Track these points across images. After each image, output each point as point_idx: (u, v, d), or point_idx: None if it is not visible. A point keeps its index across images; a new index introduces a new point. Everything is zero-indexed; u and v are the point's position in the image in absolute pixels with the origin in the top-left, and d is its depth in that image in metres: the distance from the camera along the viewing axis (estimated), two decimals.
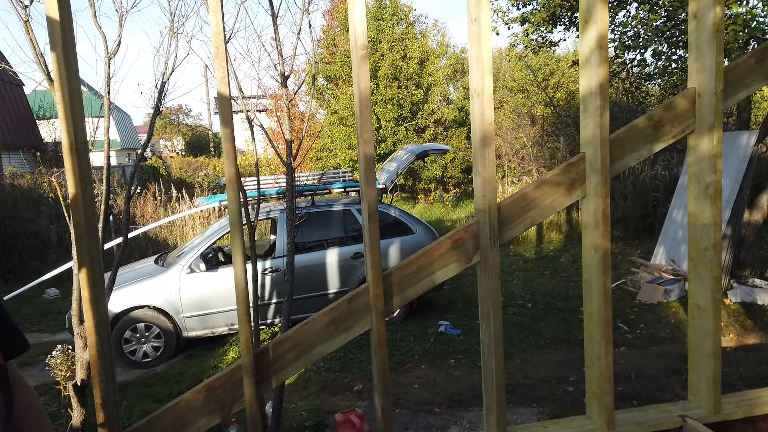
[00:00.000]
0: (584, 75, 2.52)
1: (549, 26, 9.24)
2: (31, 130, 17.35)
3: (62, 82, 2.00)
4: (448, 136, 17.60)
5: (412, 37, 17.35)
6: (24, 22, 3.13)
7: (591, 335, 2.57)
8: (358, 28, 2.26)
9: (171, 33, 3.72)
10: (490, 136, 2.37)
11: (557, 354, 4.82)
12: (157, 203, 11.40)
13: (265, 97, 12.11)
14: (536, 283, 7.47)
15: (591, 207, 2.50)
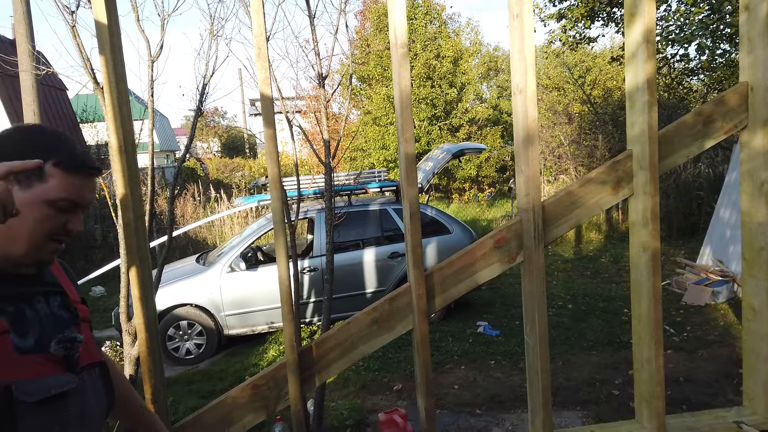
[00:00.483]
0: (630, 70, 2.46)
1: (587, 22, 9.07)
2: (75, 133, 17.92)
3: (111, 85, 2.05)
4: (482, 135, 17.45)
5: (445, 35, 17.26)
6: (71, 27, 3.23)
7: (640, 337, 2.50)
8: (398, 27, 2.25)
9: (211, 35, 3.78)
10: (534, 134, 2.33)
11: (601, 356, 4.71)
12: (197, 204, 11.63)
13: (301, 98, 12.21)
14: (576, 283, 7.33)
15: (639, 206, 2.43)
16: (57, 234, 1.09)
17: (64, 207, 1.07)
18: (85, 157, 1.13)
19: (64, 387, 1.06)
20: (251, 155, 30.16)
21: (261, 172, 19.77)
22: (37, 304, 1.12)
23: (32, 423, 1.00)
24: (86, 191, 1.11)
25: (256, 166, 21.50)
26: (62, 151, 1.09)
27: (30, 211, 1.04)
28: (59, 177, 1.06)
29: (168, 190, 11.90)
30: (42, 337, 1.08)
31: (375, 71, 16.32)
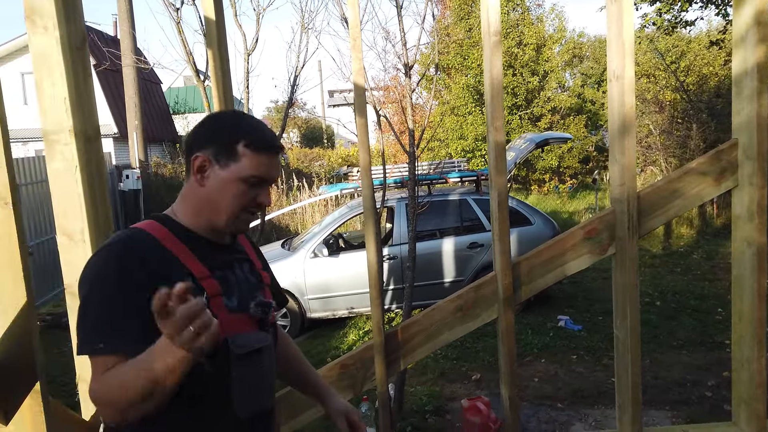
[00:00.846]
0: (738, 54, 2.33)
1: (685, 4, 8.55)
2: (168, 124, 19.02)
3: (218, 78, 2.18)
4: (565, 125, 16.90)
5: (528, 22, 16.81)
6: (176, 23, 3.44)
7: (740, 336, 2.38)
8: (492, 14, 2.24)
9: (302, 28, 3.90)
10: (631, 122, 2.26)
11: (692, 356, 4.49)
12: (279, 192, 12.05)
13: (378, 88, 12.33)
14: (665, 280, 7.00)
15: (744, 198, 2.31)
16: (250, 206, 1.24)
17: (254, 183, 1.21)
18: (272, 138, 1.26)
19: (262, 343, 1.26)
20: (329, 145, 30.77)
21: (339, 162, 20.15)
22: (236, 270, 1.30)
23: (240, 371, 1.19)
24: (272, 168, 1.24)
25: (334, 156, 21.93)
26: (252, 134, 1.22)
27: (228, 187, 1.20)
28: (249, 157, 1.20)
29: None
30: (242, 298, 1.26)
31: (455, 60, 16.17)
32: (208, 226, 1.25)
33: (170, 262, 1.16)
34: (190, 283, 0.89)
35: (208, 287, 1.18)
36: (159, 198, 10.54)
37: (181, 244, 1.20)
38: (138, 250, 1.15)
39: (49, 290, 7.77)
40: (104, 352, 1.06)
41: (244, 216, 1.25)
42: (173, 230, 1.22)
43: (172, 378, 0.96)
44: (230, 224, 1.24)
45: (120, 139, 15.13)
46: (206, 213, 1.23)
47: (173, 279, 1.01)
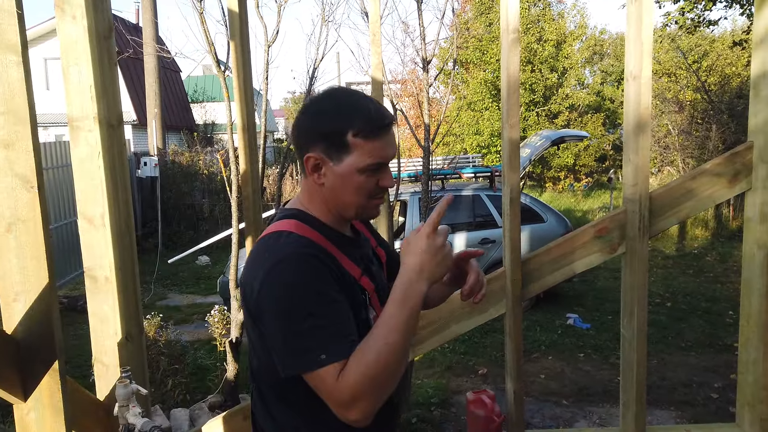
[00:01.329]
0: (757, 56, 2.32)
1: (709, 3, 8.45)
2: (186, 112, 19.18)
3: (239, 69, 2.23)
4: (582, 122, 16.78)
5: (548, 18, 16.68)
6: (199, 14, 3.49)
7: (747, 338, 2.39)
8: (511, 11, 2.26)
9: (322, 21, 3.93)
10: (646, 122, 2.27)
11: (700, 358, 4.49)
12: (294, 182, 12.14)
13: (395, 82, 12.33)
14: (677, 281, 6.97)
15: (757, 200, 2.31)
16: (375, 194, 1.19)
17: (373, 170, 1.15)
18: (379, 117, 1.15)
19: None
20: None
21: None
22: (371, 257, 1.31)
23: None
24: (387, 149, 1.16)
25: None
26: (358, 119, 1.13)
27: (348, 182, 1.15)
28: (361, 145, 1.13)
29: (268, 169, 12.50)
30: (381, 287, 1.27)
31: (473, 55, 16.10)
32: (338, 219, 1.22)
33: (336, 263, 1.15)
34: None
35: (366, 285, 1.19)
36: (176, 186, 10.67)
37: (332, 245, 1.17)
38: (316, 256, 1.11)
39: (68, 273, 7.92)
40: (330, 361, 1.01)
41: (372, 203, 1.20)
42: (318, 229, 1.18)
43: (418, 321, 1.03)
44: (359, 214, 1.21)
45: (139, 126, 15.29)
46: (334, 208, 1.20)
47: (345, 279, 1.13)
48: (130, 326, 2.07)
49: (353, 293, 1.15)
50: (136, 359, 2.10)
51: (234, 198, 3.29)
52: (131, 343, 2.09)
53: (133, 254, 2.09)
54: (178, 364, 3.80)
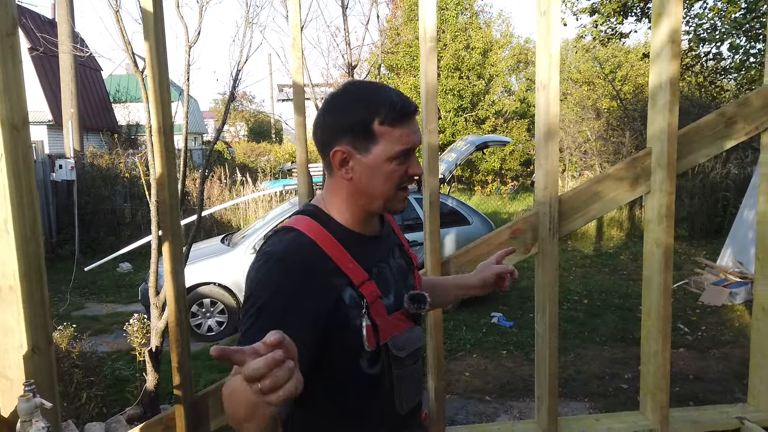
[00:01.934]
0: (654, 69, 2.50)
1: (620, 17, 8.98)
2: (108, 113, 18.33)
3: (154, 70, 2.17)
4: (508, 128, 17.38)
5: (476, 27, 17.17)
6: (115, 12, 3.37)
7: (648, 331, 2.56)
8: (428, 21, 2.33)
9: (246, 23, 3.89)
10: (555, 130, 2.39)
11: (612, 351, 4.77)
12: (223, 186, 11.85)
13: (329, 85, 12.34)
14: (594, 279, 7.35)
15: (655, 203, 2.49)
16: (404, 182, 1.18)
17: (402, 156, 1.14)
18: (403, 103, 1.14)
19: (418, 343, 1.25)
20: (277, 140, 30.43)
21: (286, 158, 19.99)
22: (390, 260, 1.27)
23: (400, 372, 1.20)
24: (412, 134, 1.15)
25: (281, 152, 21.73)
26: (383, 107, 1.12)
27: (377, 172, 1.14)
28: (389, 133, 1.12)
29: (195, 171, 12.14)
30: (396, 293, 1.23)
31: (403, 61, 16.33)
32: (362, 215, 1.20)
33: (331, 270, 1.12)
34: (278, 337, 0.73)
35: (368, 293, 1.14)
36: (95, 190, 10.17)
37: (339, 247, 1.15)
38: (300, 262, 1.10)
39: None
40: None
41: (400, 194, 1.19)
42: (330, 229, 1.17)
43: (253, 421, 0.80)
44: (387, 206, 1.19)
45: (54, 126, 14.47)
46: (361, 202, 1.18)
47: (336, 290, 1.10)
48: (37, 338, 1.97)
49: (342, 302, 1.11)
50: (44, 372, 2.01)
51: (153, 203, 3.19)
52: (38, 355, 1.99)
53: (41, 261, 1.99)
54: (93, 376, 3.64)
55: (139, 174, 10.37)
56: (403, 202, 1.20)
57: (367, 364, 1.15)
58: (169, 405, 3.80)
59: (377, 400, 1.20)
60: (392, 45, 16.03)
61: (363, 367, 1.15)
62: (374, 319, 1.14)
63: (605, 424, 2.61)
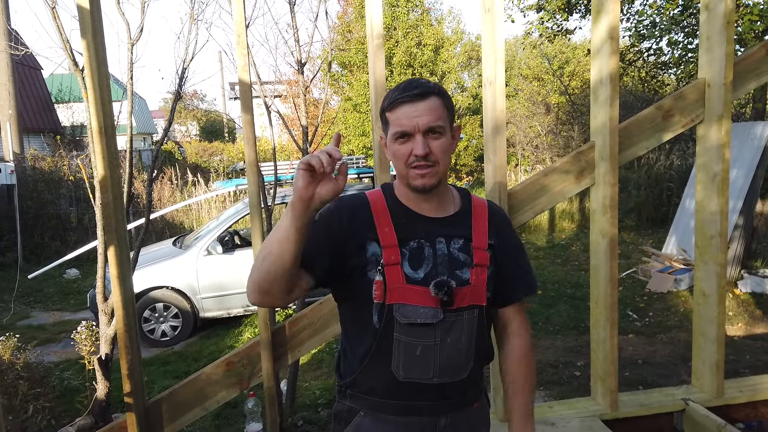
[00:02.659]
0: (595, 65, 2.57)
1: (564, 14, 9.20)
2: (50, 113, 17.60)
3: (92, 69, 2.09)
4: (461, 124, 17.59)
5: (427, 24, 17.29)
6: (51, 8, 3.23)
7: (597, 319, 2.65)
8: (375, 17, 2.33)
9: (191, 19, 3.80)
10: (502, 125, 2.44)
11: (566, 340, 4.90)
12: (174, 187, 11.57)
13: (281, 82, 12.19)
14: (547, 271, 7.53)
15: (599, 194, 2.56)
16: (410, 162, 1.29)
17: (399, 137, 1.29)
18: (403, 89, 1.29)
19: (428, 320, 1.30)
20: (230, 139, 29.89)
21: (240, 157, 19.66)
22: (438, 244, 1.34)
23: (402, 336, 1.30)
24: (403, 119, 1.27)
25: (234, 151, 21.35)
26: (388, 96, 1.32)
27: (391, 150, 1.33)
28: (391, 117, 1.30)
29: (145, 173, 11.81)
30: (431, 273, 1.31)
31: (356, 57, 16.30)
32: (410, 192, 1.35)
33: (369, 224, 1.31)
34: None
35: (387, 255, 1.28)
36: (37, 195, 9.75)
37: (386, 212, 1.33)
38: (347, 208, 1.33)
39: None
40: None
41: (412, 172, 1.29)
42: (387, 198, 1.37)
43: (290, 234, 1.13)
44: (409, 184, 1.32)
45: None
46: (400, 180, 1.36)
47: (364, 238, 1.30)
48: None
49: (363, 249, 1.30)
50: None
51: (98, 206, 3.08)
52: None
53: None
54: (40, 387, 3.50)
55: (90, 175, 10.02)
56: (417, 179, 1.30)
57: (376, 318, 1.30)
58: (121, 413, 3.69)
59: (376, 353, 1.32)
60: (344, 42, 15.98)
61: (373, 318, 1.30)
62: (386, 278, 1.28)
63: (558, 411, 2.68)
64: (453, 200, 1.42)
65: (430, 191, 1.32)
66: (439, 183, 1.32)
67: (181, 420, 2.42)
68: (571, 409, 2.68)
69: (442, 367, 1.33)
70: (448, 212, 1.38)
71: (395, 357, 1.31)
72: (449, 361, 1.33)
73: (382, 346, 1.31)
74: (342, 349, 1.45)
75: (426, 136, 1.27)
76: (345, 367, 1.41)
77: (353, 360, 1.37)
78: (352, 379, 1.37)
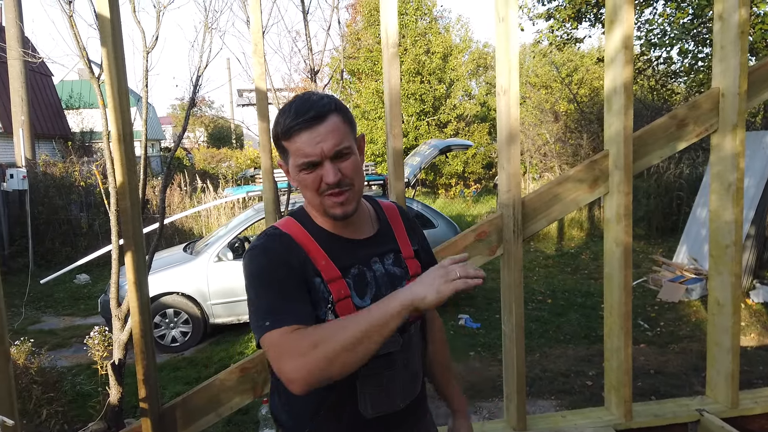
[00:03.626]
0: (609, 74, 2.58)
1: (574, 23, 9.21)
2: (60, 119, 17.77)
3: (112, 77, 2.12)
4: (470, 132, 17.61)
5: (435, 31, 17.36)
6: (68, 17, 3.28)
7: (611, 328, 2.63)
8: (390, 27, 2.35)
9: (205, 28, 3.84)
10: (516, 133, 2.44)
11: (577, 349, 4.88)
12: (183, 194, 11.63)
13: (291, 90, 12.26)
14: (557, 279, 7.50)
15: (613, 203, 2.56)
16: (323, 190, 1.18)
17: (306, 169, 1.17)
18: (296, 114, 1.15)
19: (390, 348, 1.22)
20: (238, 146, 30.03)
21: (248, 164, 19.74)
22: (374, 265, 1.27)
23: (366, 372, 1.19)
24: (306, 148, 1.14)
25: (242, 157, 21.45)
26: (280, 123, 1.17)
27: (297, 181, 1.20)
28: (290, 146, 1.17)
29: (155, 179, 11.88)
30: (377, 296, 1.21)
31: (365, 65, 16.39)
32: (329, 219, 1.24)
33: (305, 260, 1.19)
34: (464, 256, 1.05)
35: (335, 290, 1.18)
36: (48, 200, 9.83)
37: (315, 243, 1.21)
38: (278, 249, 1.19)
39: None
40: (272, 327, 1.09)
41: (327, 201, 1.18)
42: (307, 228, 1.24)
43: (388, 326, 1.00)
44: (325, 212, 1.21)
45: (4, 135, 13.95)
46: (315, 209, 1.24)
47: (309, 274, 1.16)
48: None
49: (313, 287, 1.18)
50: (2, 389, 1.93)
51: (113, 212, 3.11)
52: None
53: None
54: (53, 392, 3.52)
55: (96, 182, 10.09)
56: (336, 207, 1.19)
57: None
58: (134, 419, 3.70)
59: (339, 395, 1.22)
60: (353, 50, 16.06)
61: None
62: (339, 315, 1.17)
63: (572, 420, 2.67)
64: (370, 215, 1.34)
65: (352, 216, 1.22)
66: (357, 206, 1.22)
67: (194, 426, 2.43)
68: (585, 419, 2.66)
69: (404, 390, 1.29)
70: (374, 229, 1.31)
71: (361, 396, 1.22)
72: (409, 381, 1.30)
73: (345, 388, 1.20)
74: (279, 399, 1.30)
75: (334, 161, 1.15)
76: (289, 420, 1.28)
77: (304, 410, 1.25)
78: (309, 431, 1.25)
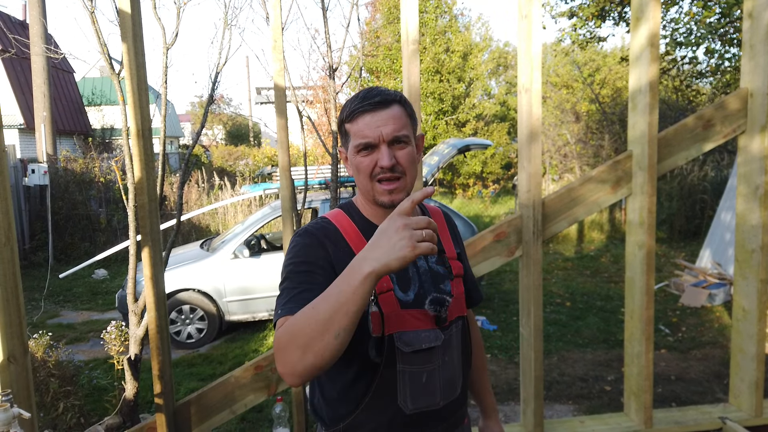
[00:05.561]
0: (634, 73, 2.52)
1: (598, 21, 9.09)
2: (81, 116, 18.01)
3: (132, 72, 2.12)
4: (488, 131, 17.48)
5: (455, 30, 17.26)
6: (90, 13, 3.30)
7: (631, 333, 2.58)
8: (410, 24, 2.32)
9: (224, 25, 3.84)
10: (537, 132, 2.40)
11: (595, 353, 4.79)
12: (200, 191, 11.70)
13: (308, 88, 12.29)
14: (576, 282, 7.40)
15: (636, 205, 2.51)
16: (375, 174, 1.20)
17: (365, 150, 1.20)
18: (362, 98, 1.20)
19: (432, 343, 1.23)
20: (255, 144, 30.19)
21: (265, 161, 19.83)
22: (418, 261, 1.28)
23: (406, 366, 1.21)
24: (366, 130, 1.19)
25: (260, 155, 21.55)
26: (346, 108, 1.23)
27: (353, 164, 1.23)
28: (351, 129, 1.21)
29: (172, 176, 11.98)
30: (420, 292, 1.25)
31: (383, 64, 16.34)
32: (377, 209, 1.27)
33: (347, 251, 1.21)
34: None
35: (379, 282, 1.16)
36: (68, 195, 9.96)
37: (360, 235, 1.24)
38: (319, 236, 1.22)
39: None
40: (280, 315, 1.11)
41: (378, 187, 1.21)
42: (354, 219, 1.27)
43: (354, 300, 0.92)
44: (375, 199, 1.23)
45: (26, 130, 14.18)
46: (364, 196, 1.27)
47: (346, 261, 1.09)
48: (13, 347, 1.91)
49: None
50: (21, 382, 1.94)
51: (131, 207, 3.12)
52: (15, 364, 1.93)
53: (15, 268, 1.92)
54: (70, 385, 3.54)
55: (115, 178, 10.20)
56: (384, 195, 1.21)
57: (374, 352, 1.19)
58: (149, 414, 3.72)
59: (378, 390, 1.21)
60: (372, 48, 16.03)
61: (370, 353, 1.19)
62: (381, 308, 1.18)
63: (590, 426, 2.62)
64: (416, 212, 1.33)
65: None
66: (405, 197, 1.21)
67: (209, 422, 2.42)
68: (604, 425, 2.61)
69: (444, 388, 1.28)
70: None
71: (401, 390, 1.22)
72: (449, 380, 1.29)
73: (385, 381, 1.21)
74: (320, 394, 1.32)
75: (391, 147, 1.19)
76: (331, 413, 1.29)
77: (343, 403, 1.26)
78: (348, 423, 1.26)
